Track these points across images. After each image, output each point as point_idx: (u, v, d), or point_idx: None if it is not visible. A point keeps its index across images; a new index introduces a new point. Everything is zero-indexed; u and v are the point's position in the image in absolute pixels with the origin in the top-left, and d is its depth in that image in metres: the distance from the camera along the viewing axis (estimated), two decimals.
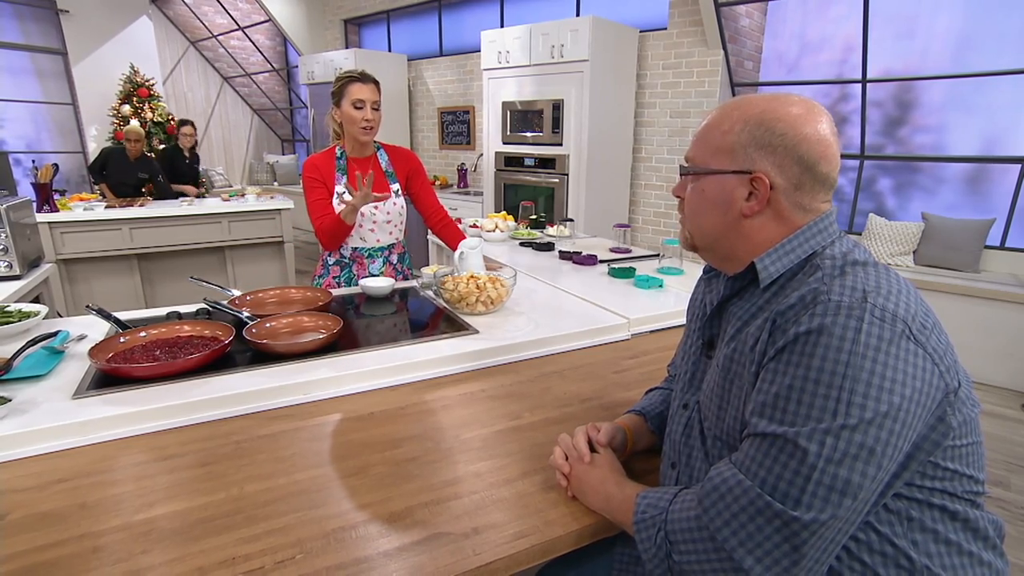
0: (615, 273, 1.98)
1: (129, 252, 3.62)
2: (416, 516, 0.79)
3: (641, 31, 4.15)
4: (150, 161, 4.39)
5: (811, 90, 3.95)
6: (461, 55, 5.58)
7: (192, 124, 4.87)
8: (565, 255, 2.29)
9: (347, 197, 1.76)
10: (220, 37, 7.66)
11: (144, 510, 0.78)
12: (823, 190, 0.70)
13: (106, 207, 3.54)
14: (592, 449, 0.85)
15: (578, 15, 4.58)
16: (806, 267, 0.69)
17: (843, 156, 3.94)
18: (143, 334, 1.25)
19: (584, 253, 2.24)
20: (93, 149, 6.72)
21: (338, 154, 1.82)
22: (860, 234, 3.79)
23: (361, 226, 1.84)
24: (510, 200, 4.51)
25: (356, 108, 1.71)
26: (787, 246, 0.70)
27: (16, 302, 1.87)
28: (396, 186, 1.88)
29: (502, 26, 5.09)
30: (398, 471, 0.90)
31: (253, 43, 7.64)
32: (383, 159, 1.88)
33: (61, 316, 1.51)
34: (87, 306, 1.35)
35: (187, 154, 4.80)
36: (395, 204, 1.87)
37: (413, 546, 0.73)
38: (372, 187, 1.67)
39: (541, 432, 1.03)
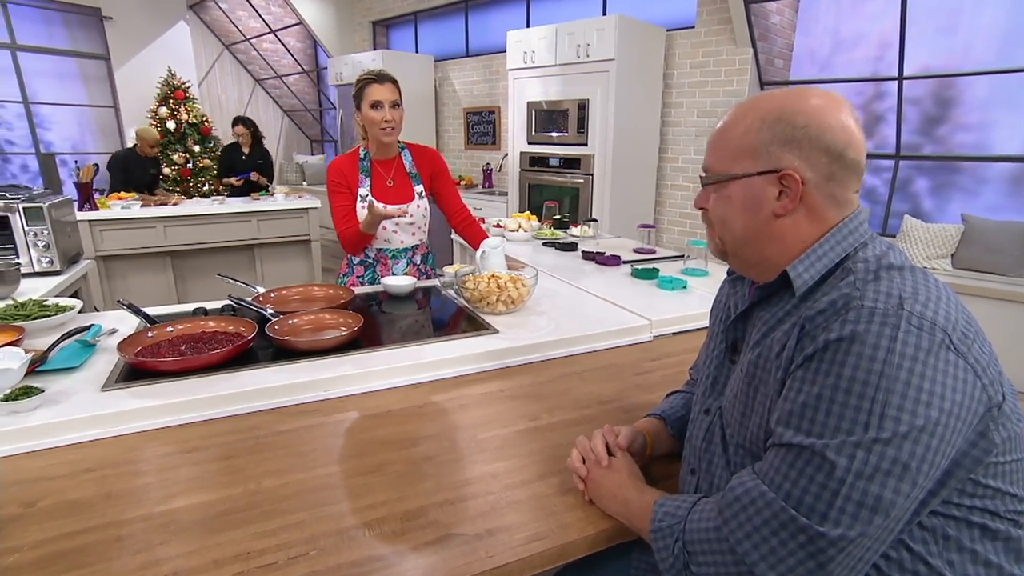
0: (638, 274, 1.96)
1: (163, 249, 3.73)
2: (430, 516, 0.79)
3: (669, 30, 4.09)
4: (157, 159, 4.78)
5: (844, 88, 3.83)
6: (487, 55, 5.59)
7: (244, 123, 4.91)
8: (588, 255, 2.27)
9: (371, 199, 1.77)
10: (253, 40, 7.84)
11: (166, 501, 0.80)
12: (854, 178, 0.68)
13: (141, 206, 3.66)
14: (610, 453, 0.84)
15: (605, 15, 4.54)
16: (837, 271, 0.66)
17: (878, 156, 3.81)
18: (170, 329, 1.28)
19: (607, 254, 2.21)
20: (117, 150, 6.96)
21: (362, 155, 1.84)
22: (895, 236, 3.66)
23: (384, 228, 1.85)
24: (535, 200, 4.50)
25: (374, 109, 1.72)
26: (819, 251, 0.67)
27: (55, 296, 1.94)
28: (420, 187, 1.89)
29: (528, 26, 5.08)
30: (414, 470, 0.90)
31: (284, 46, 7.79)
32: (407, 160, 1.89)
33: (98, 311, 1.56)
34: (118, 301, 1.39)
35: (245, 151, 4.92)
36: (419, 207, 1.88)
37: (426, 546, 0.73)
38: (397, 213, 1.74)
39: (560, 433, 1.02)
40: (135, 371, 1.12)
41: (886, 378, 0.54)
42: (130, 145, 5.81)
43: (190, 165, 6.68)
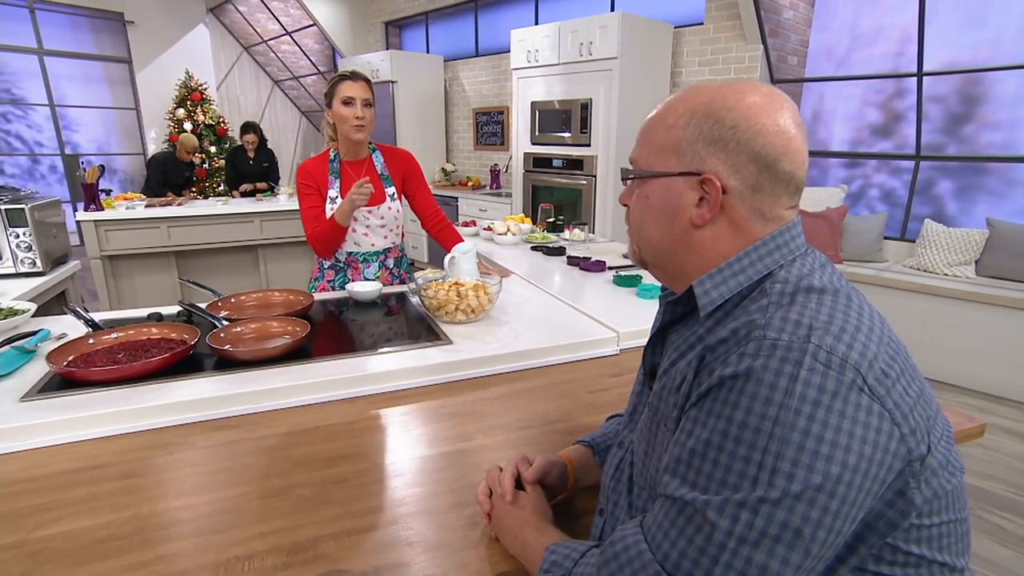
0: (619, 281, 1.87)
1: (167, 249, 3.78)
2: (320, 548, 0.73)
3: (676, 27, 3.97)
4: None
5: (861, 86, 3.66)
6: (496, 55, 5.54)
7: (254, 131, 4.82)
8: (573, 260, 2.19)
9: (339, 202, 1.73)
10: (271, 42, 7.94)
11: (46, 526, 0.75)
12: (787, 193, 0.59)
13: (146, 206, 3.71)
14: (522, 486, 0.77)
15: (613, 11, 4.43)
16: (755, 292, 0.57)
17: (897, 157, 3.63)
18: (113, 335, 1.25)
19: (593, 259, 2.13)
20: (152, 151, 7.12)
21: (332, 157, 1.80)
22: (914, 241, 3.47)
23: (355, 231, 1.81)
24: (539, 201, 4.43)
25: (346, 105, 1.68)
26: (735, 265, 0.59)
27: (35, 298, 1.95)
28: (391, 189, 1.84)
29: (537, 24, 5.00)
30: (321, 495, 0.84)
31: (301, 48, 7.88)
32: (378, 161, 1.84)
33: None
34: (65, 306, 1.37)
35: (251, 155, 4.87)
36: (390, 208, 1.83)
37: None
38: (368, 194, 1.67)
39: (488, 457, 0.95)
40: (66, 381, 1.10)
41: (781, 425, 0.46)
42: (164, 148, 5.99)
43: (206, 166, 6.80)
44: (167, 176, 4.62)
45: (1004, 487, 2.18)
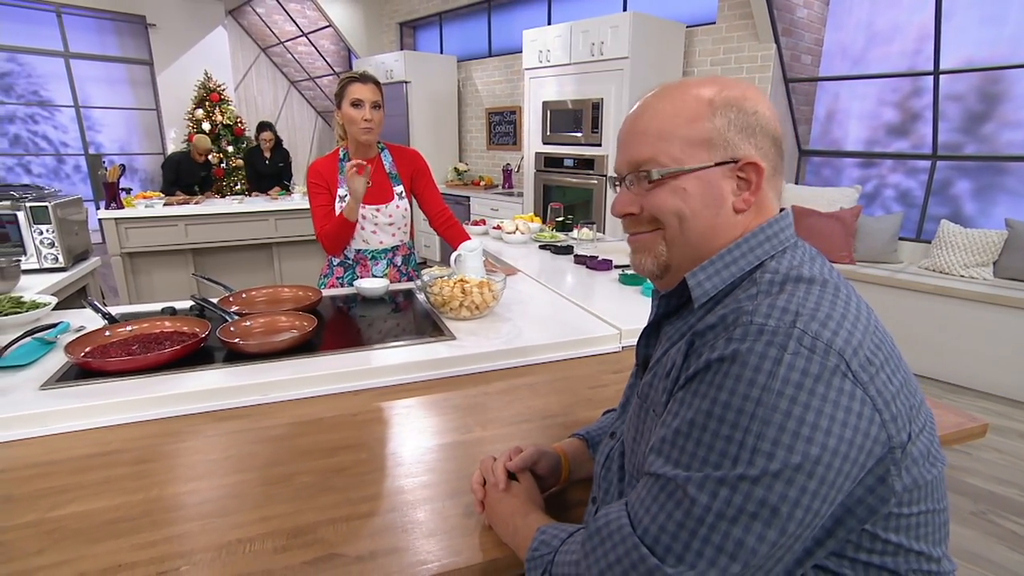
0: (625, 279, 1.88)
1: (185, 247, 3.86)
2: (319, 533, 0.75)
3: (688, 26, 3.95)
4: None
5: (877, 84, 3.61)
6: (508, 55, 5.56)
7: (270, 129, 4.93)
8: (580, 259, 2.20)
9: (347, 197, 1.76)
10: (288, 43, 8.05)
11: (60, 507, 0.79)
12: (785, 172, 0.64)
13: (164, 204, 3.79)
14: (514, 476, 0.78)
15: (625, 10, 4.43)
16: (745, 281, 0.58)
17: (914, 156, 3.58)
18: (129, 328, 1.30)
19: (600, 258, 2.14)
20: (171, 151, 7.25)
21: (341, 156, 1.83)
22: (929, 242, 3.42)
23: (363, 228, 1.84)
24: (551, 201, 4.44)
25: (355, 107, 1.71)
26: (726, 257, 0.60)
27: (57, 293, 2.02)
28: (400, 188, 1.87)
29: (550, 24, 5.01)
30: (322, 482, 0.87)
31: (317, 49, 7.98)
32: (387, 160, 1.87)
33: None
34: (84, 300, 1.42)
35: (267, 155, 4.96)
36: (398, 206, 1.86)
37: (301, 567, 0.69)
38: (369, 175, 1.69)
39: (486, 449, 0.97)
40: (83, 371, 1.14)
41: (763, 406, 0.47)
42: (182, 148, 6.11)
43: (223, 165, 6.92)
44: (181, 175, 4.71)
45: (1019, 492, 2.15)
